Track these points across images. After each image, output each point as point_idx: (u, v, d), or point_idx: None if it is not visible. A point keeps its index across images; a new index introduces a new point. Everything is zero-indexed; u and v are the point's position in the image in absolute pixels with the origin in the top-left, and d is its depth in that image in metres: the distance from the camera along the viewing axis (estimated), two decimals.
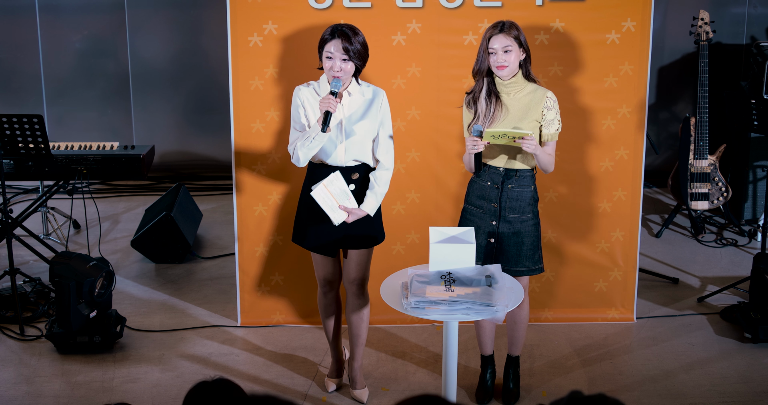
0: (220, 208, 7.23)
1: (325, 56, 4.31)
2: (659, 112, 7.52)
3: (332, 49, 4.28)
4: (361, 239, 4.49)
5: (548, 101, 4.37)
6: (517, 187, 4.42)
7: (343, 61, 4.28)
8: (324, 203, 4.33)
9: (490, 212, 4.44)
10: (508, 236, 4.44)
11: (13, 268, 5.33)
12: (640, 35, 5.10)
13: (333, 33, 4.29)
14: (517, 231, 4.44)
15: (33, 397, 4.72)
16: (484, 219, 4.46)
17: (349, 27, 4.32)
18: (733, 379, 4.89)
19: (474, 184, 4.51)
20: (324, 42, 4.32)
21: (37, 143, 5.42)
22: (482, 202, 4.47)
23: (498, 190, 4.42)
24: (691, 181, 6.46)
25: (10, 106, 7.43)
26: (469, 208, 4.53)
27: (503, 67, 4.30)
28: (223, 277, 6.06)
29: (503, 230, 4.44)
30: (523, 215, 4.44)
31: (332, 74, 4.30)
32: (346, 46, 4.25)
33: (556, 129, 4.40)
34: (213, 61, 7.52)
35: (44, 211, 6.53)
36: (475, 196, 4.50)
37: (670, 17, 7.34)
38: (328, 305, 4.71)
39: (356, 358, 4.72)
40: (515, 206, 4.42)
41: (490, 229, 4.44)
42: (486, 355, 4.75)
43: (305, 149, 4.32)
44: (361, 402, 4.70)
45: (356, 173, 4.43)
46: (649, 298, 5.73)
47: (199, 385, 2.51)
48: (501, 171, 4.41)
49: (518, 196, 4.42)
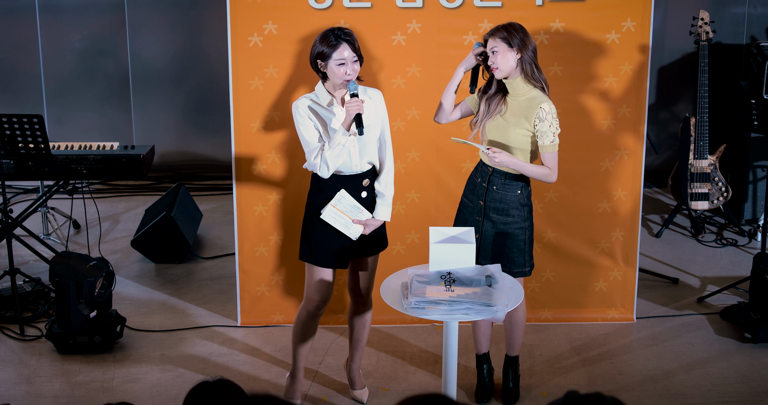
0: (220, 208, 7.23)
1: (336, 64, 4.20)
2: (659, 112, 7.52)
3: (345, 55, 4.20)
4: (373, 245, 4.48)
5: (541, 112, 4.29)
6: (502, 189, 4.40)
7: (353, 63, 4.24)
8: (337, 223, 4.31)
9: (477, 209, 4.47)
10: (490, 235, 4.46)
11: (13, 268, 5.33)
12: (640, 35, 5.10)
13: (336, 39, 4.20)
14: (501, 231, 4.44)
15: (33, 397, 4.72)
16: (473, 214, 4.50)
17: (340, 29, 4.26)
18: (733, 379, 4.89)
19: (470, 179, 4.55)
20: (328, 54, 4.21)
21: (37, 143, 5.41)
22: (472, 197, 4.50)
23: (485, 188, 4.44)
24: (691, 181, 6.46)
25: (10, 106, 7.43)
26: (464, 200, 4.57)
27: (494, 68, 4.33)
28: (223, 277, 6.06)
29: (486, 228, 4.46)
30: (507, 217, 4.42)
31: (346, 78, 4.23)
32: (354, 48, 4.23)
33: (551, 141, 4.31)
34: (213, 61, 7.51)
35: (44, 211, 6.53)
36: (468, 190, 4.55)
37: (670, 17, 7.34)
38: (311, 327, 4.57)
39: (356, 360, 4.72)
40: (499, 208, 4.42)
41: (476, 224, 4.47)
42: (481, 353, 4.75)
43: (334, 159, 4.23)
44: (362, 402, 4.70)
45: (366, 179, 4.40)
46: (649, 298, 5.73)
47: (200, 385, 2.51)
48: (489, 171, 4.41)
49: (502, 199, 4.41)
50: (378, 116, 4.38)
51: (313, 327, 4.56)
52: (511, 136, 4.34)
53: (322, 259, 4.41)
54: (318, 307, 4.49)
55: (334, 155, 4.23)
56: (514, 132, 4.33)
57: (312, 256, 4.42)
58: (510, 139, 4.34)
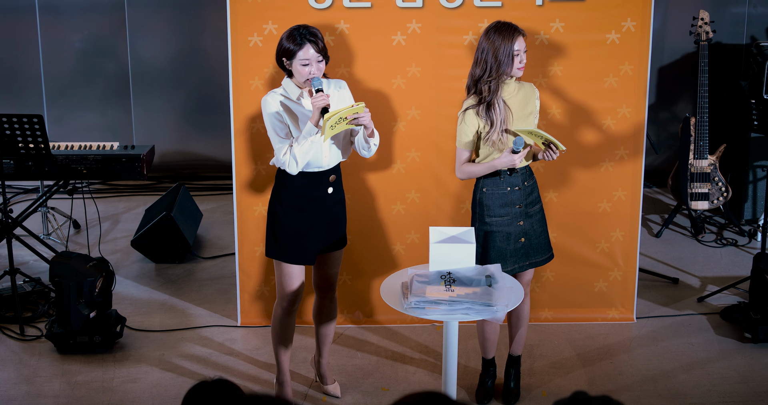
0: (220, 208, 7.23)
1: (299, 65, 4.23)
2: (659, 112, 7.52)
3: (308, 56, 4.22)
4: (339, 240, 4.51)
5: (537, 92, 4.49)
6: (531, 180, 4.50)
7: (318, 63, 4.26)
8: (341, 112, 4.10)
9: (516, 215, 4.45)
10: (534, 230, 4.50)
11: (13, 268, 5.33)
12: (640, 35, 5.10)
13: (302, 40, 4.22)
14: (538, 220, 4.52)
15: (33, 397, 4.72)
16: (512, 224, 4.45)
17: (305, 28, 4.27)
18: (733, 379, 4.89)
19: (491, 197, 4.43)
20: (292, 52, 4.23)
21: (37, 143, 5.41)
22: (507, 210, 4.44)
23: (519, 190, 4.44)
24: (691, 181, 6.46)
25: (10, 106, 7.43)
26: (493, 221, 4.43)
27: (522, 68, 4.36)
28: (223, 277, 6.06)
29: (529, 227, 4.48)
30: (538, 205, 4.53)
31: (309, 78, 4.25)
32: (318, 48, 4.25)
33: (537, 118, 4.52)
34: (213, 61, 7.51)
35: (44, 211, 6.53)
36: (497, 207, 4.43)
37: (670, 17, 7.34)
38: (290, 325, 4.56)
39: (324, 356, 4.74)
40: (533, 199, 4.50)
41: (519, 230, 4.46)
42: (488, 358, 4.75)
43: (303, 155, 4.23)
44: (336, 396, 4.71)
45: (333, 175, 4.42)
46: (649, 298, 5.73)
47: (199, 385, 2.51)
48: (522, 171, 4.45)
49: (532, 189, 4.50)
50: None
51: (290, 325, 4.56)
52: (533, 124, 4.45)
53: (289, 255, 4.41)
54: (291, 303, 4.49)
55: (303, 151, 4.23)
56: (527, 123, 4.42)
57: (279, 253, 4.42)
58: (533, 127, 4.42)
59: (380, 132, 5.18)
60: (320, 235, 4.43)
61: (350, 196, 5.22)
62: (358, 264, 5.37)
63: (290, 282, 4.45)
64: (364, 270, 5.38)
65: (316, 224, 4.42)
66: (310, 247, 4.43)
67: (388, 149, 5.23)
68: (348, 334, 5.34)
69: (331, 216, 4.45)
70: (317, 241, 4.44)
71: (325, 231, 4.43)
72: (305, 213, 4.39)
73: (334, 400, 4.73)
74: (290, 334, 4.58)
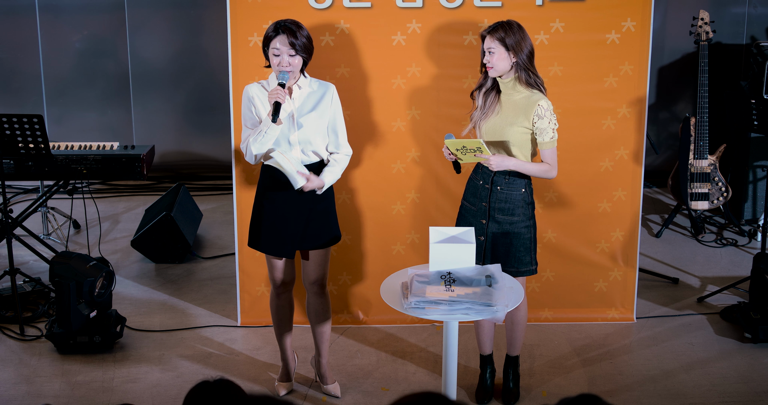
0: (220, 208, 7.23)
1: (271, 53, 4.30)
2: (659, 112, 7.52)
3: (278, 45, 4.27)
4: (320, 239, 4.51)
5: (539, 109, 4.31)
6: (506, 189, 4.41)
7: (290, 56, 4.29)
8: (287, 165, 4.27)
9: (481, 211, 4.46)
10: (496, 236, 4.45)
11: (13, 268, 5.33)
12: (640, 35, 5.10)
13: (277, 29, 4.29)
14: (506, 232, 4.44)
15: (33, 397, 4.72)
16: (476, 217, 4.48)
17: (292, 22, 4.32)
18: (733, 379, 4.89)
19: (470, 182, 4.54)
20: (269, 39, 4.31)
21: (37, 143, 5.41)
22: (475, 200, 4.49)
23: (488, 190, 4.43)
24: (691, 181, 6.46)
25: (10, 106, 7.44)
26: (465, 204, 4.56)
27: (489, 67, 4.35)
28: (223, 277, 6.06)
29: (492, 230, 4.45)
30: (513, 217, 4.43)
31: (280, 69, 4.30)
32: (292, 41, 4.27)
33: (550, 137, 4.35)
34: (213, 60, 7.52)
35: (44, 211, 6.53)
36: (469, 194, 4.54)
37: (670, 17, 7.34)
38: (282, 306, 4.68)
39: (323, 355, 4.74)
40: (504, 208, 4.43)
41: (481, 227, 4.46)
42: (485, 354, 4.75)
43: (258, 144, 4.29)
44: (337, 396, 4.71)
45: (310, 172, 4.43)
46: (649, 298, 5.73)
47: (200, 385, 2.51)
48: (491, 172, 4.41)
49: (507, 198, 4.42)
50: (326, 110, 4.40)
51: (283, 306, 4.66)
52: (510, 135, 4.34)
53: (265, 246, 4.50)
54: (278, 287, 4.61)
55: (258, 141, 4.29)
56: (512, 130, 4.34)
57: (255, 243, 4.53)
58: (508, 137, 4.34)
59: (380, 132, 5.19)
60: (298, 230, 4.45)
61: (350, 196, 5.22)
62: (358, 264, 5.37)
63: (272, 270, 4.59)
64: (364, 270, 5.38)
65: (294, 219, 4.45)
66: (288, 241, 4.46)
67: (388, 149, 5.23)
68: (348, 334, 5.34)
69: (312, 212, 4.46)
70: (295, 235, 4.46)
71: (304, 226, 4.45)
72: (282, 206, 4.44)
73: (334, 400, 4.73)
74: (284, 315, 4.68)
